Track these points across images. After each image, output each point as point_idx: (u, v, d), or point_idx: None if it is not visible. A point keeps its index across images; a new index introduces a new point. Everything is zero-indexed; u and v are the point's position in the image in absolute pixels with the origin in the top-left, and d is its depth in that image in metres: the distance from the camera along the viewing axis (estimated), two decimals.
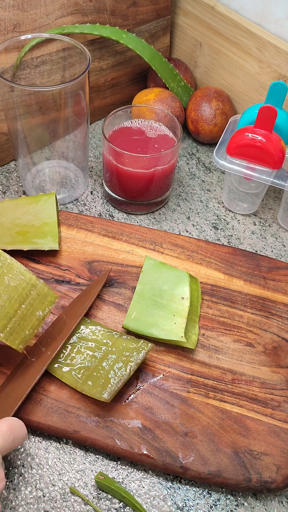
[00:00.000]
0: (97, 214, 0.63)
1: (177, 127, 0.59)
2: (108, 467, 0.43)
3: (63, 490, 0.41)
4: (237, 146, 0.55)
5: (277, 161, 0.54)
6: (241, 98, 0.70)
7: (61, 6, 0.60)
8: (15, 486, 0.41)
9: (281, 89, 0.55)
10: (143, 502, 0.41)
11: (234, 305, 0.52)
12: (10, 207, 0.57)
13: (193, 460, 0.42)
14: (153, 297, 0.50)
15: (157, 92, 0.67)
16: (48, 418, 0.43)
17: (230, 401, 0.45)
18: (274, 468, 0.42)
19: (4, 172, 0.66)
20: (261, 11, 0.64)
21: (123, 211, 0.63)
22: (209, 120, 0.68)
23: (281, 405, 0.45)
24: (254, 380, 0.47)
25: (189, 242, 0.57)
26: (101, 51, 0.67)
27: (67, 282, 0.53)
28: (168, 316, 0.49)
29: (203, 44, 0.72)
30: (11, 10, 0.56)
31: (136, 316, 0.49)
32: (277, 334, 0.50)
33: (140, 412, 0.44)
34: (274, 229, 0.63)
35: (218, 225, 0.63)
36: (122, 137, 0.60)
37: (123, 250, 0.56)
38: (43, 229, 0.55)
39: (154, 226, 0.62)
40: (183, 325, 0.48)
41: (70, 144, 0.60)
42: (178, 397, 0.45)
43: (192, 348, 0.47)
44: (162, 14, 0.71)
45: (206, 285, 0.53)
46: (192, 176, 0.68)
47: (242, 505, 0.42)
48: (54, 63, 0.60)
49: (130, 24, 0.68)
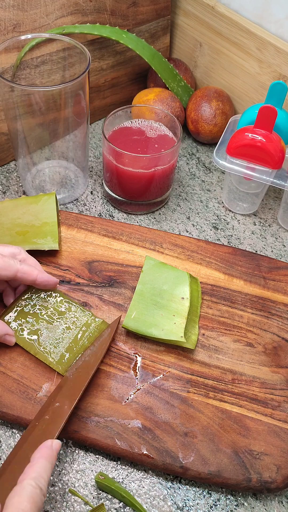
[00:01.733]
0: (97, 214, 0.63)
1: (177, 127, 0.59)
2: (108, 467, 0.43)
3: (63, 490, 0.41)
4: (237, 146, 0.55)
5: (277, 161, 0.54)
6: (241, 98, 0.70)
7: (61, 6, 0.60)
8: None
9: (281, 89, 0.55)
10: (143, 502, 0.41)
11: (234, 305, 0.52)
12: (10, 207, 0.57)
13: (193, 460, 0.42)
14: (153, 297, 0.50)
15: (157, 92, 0.67)
16: None
17: (230, 401, 0.45)
18: (274, 468, 0.42)
19: (4, 172, 0.66)
20: (261, 11, 0.64)
21: (123, 211, 0.63)
22: (209, 120, 0.68)
23: (281, 405, 0.45)
24: (254, 380, 0.47)
25: (189, 242, 0.57)
26: (101, 51, 0.67)
27: (67, 282, 0.53)
28: (168, 316, 0.49)
29: (203, 44, 0.72)
30: (11, 10, 0.56)
31: (136, 315, 0.49)
32: (277, 334, 0.50)
33: (140, 412, 0.44)
34: (274, 229, 0.63)
35: (218, 225, 0.63)
36: (122, 137, 0.60)
37: (123, 250, 0.56)
38: (43, 229, 0.55)
39: (154, 226, 0.62)
40: (183, 325, 0.48)
41: (70, 144, 0.60)
42: (178, 397, 0.45)
43: (192, 348, 0.47)
44: (162, 14, 0.71)
45: (206, 285, 0.53)
46: (192, 176, 0.68)
47: (242, 505, 0.42)
48: (54, 63, 0.60)
49: (130, 24, 0.68)
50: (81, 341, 0.47)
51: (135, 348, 0.48)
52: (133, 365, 0.47)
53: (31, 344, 0.47)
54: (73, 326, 0.48)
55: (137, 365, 0.47)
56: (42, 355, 0.46)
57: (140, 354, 0.48)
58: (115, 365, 0.47)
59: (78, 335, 0.48)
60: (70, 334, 0.47)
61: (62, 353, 0.46)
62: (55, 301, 0.49)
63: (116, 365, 0.47)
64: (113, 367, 0.47)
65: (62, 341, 0.47)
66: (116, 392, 0.45)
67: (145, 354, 0.48)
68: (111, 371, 0.47)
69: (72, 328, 0.48)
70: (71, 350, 0.47)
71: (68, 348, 0.47)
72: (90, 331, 0.48)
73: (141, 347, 0.48)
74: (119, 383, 0.46)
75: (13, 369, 0.46)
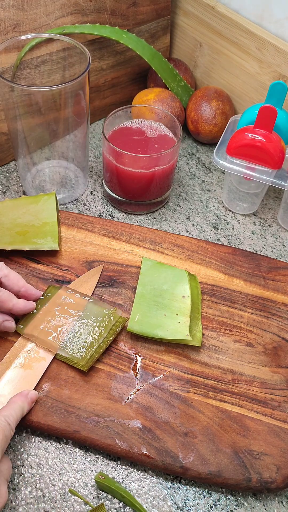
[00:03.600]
0: (97, 214, 0.63)
1: (177, 127, 0.59)
2: (108, 467, 0.43)
3: (63, 490, 0.41)
4: (237, 146, 0.55)
5: (277, 161, 0.54)
6: (241, 98, 0.70)
7: (61, 6, 0.60)
8: (15, 486, 0.41)
9: (281, 89, 0.55)
10: (143, 502, 0.41)
11: (234, 305, 0.52)
12: (10, 207, 0.57)
13: (193, 460, 0.42)
14: (154, 297, 0.50)
15: (157, 92, 0.67)
16: (48, 418, 0.43)
17: (230, 401, 0.45)
18: (274, 468, 0.42)
19: (4, 172, 0.66)
20: (261, 11, 0.64)
21: (123, 211, 0.63)
22: (209, 120, 0.68)
23: (281, 405, 0.45)
24: (254, 380, 0.47)
25: (189, 242, 0.57)
26: (101, 51, 0.67)
27: (67, 282, 0.53)
28: (172, 315, 0.49)
29: (203, 44, 0.72)
30: (11, 10, 0.56)
31: (140, 318, 0.49)
32: (277, 334, 0.50)
33: (140, 412, 0.44)
34: (274, 229, 0.63)
35: (218, 225, 0.63)
36: (122, 137, 0.60)
37: (123, 250, 0.56)
38: (43, 229, 0.55)
39: (154, 226, 0.62)
40: (187, 323, 0.48)
41: (70, 144, 0.60)
42: (178, 397, 0.45)
43: (198, 345, 0.47)
44: (162, 14, 0.71)
45: (206, 285, 0.53)
46: (192, 176, 0.68)
47: (242, 505, 0.42)
48: (54, 63, 0.60)
49: (130, 24, 0.68)
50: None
51: (135, 348, 0.48)
52: (133, 365, 0.47)
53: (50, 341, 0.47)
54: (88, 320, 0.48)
55: (137, 365, 0.47)
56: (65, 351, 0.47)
57: (140, 354, 0.48)
58: (115, 365, 0.47)
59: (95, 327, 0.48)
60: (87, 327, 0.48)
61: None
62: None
63: (116, 365, 0.47)
64: (113, 367, 0.47)
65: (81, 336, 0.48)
66: (116, 392, 0.45)
67: (145, 354, 0.48)
68: (111, 371, 0.47)
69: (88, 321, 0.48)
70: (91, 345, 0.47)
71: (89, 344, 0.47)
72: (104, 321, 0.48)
73: (141, 347, 0.48)
74: (119, 383, 0.46)
75: None
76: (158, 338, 0.48)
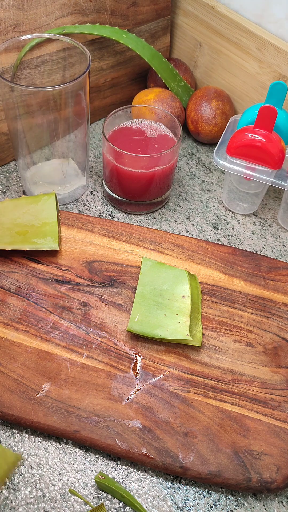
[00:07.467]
0: (97, 214, 0.63)
1: (177, 127, 0.59)
2: (108, 467, 0.43)
3: (63, 490, 0.41)
4: (237, 146, 0.55)
5: (277, 161, 0.54)
6: (241, 98, 0.70)
7: (61, 6, 0.60)
8: (15, 486, 0.41)
9: (281, 89, 0.55)
10: (143, 502, 0.41)
11: (234, 305, 0.52)
12: (10, 207, 0.57)
13: (193, 460, 0.42)
14: (155, 297, 0.50)
15: (157, 92, 0.67)
16: (48, 418, 0.43)
17: (230, 401, 0.45)
18: (274, 468, 0.42)
19: (4, 172, 0.66)
20: (261, 11, 0.64)
21: (123, 211, 0.63)
22: (209, 120, 0.68)
23: (281, 405, 0.45)
24: (254, 380, 0.47)
25: (189, 242, 0.57)
26: (101, 51, 0.67)
27: (67, 282, 0.53)
28: (172, 315, 0.49)
29: (203, 44, 0.72)
30: (11, 10, 0.56)
31: (140, 318, 0.49)
32: (277, 334, 0.50)
33: (140, 412, 0.44)
34: (274, 229, 0.63)
35: (218, 225, 0.63)
36: (122, 137, 0.60)
37: (123, 250, 0.56)
38: (43, 229, 0.55)
39: (154, 226, 0.62)
40: (187, 323, 0.48)
41: (70, 144, 0.60)
42: (178, 397, 0.45)
43: (198, 345, 0.47)
44: (162, 14, 0.71)
45: (206, 285, 0.53)
46: (192, 176, 0.68)
47: (242, 505, 0.42)
48: (54, 63, 0.60)
49: (130, 24, 0.68)
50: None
51: (135, 348, 0.48)
52: (133, 365, 0.47)
53: None
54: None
55: (137, 365, 0.47)
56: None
57: (140, 354, 0.48)
58: (115, 365, 0.47)
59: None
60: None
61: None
62: None
63: (116, 365, 0.47)
64: (113, 367, 0.47)
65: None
66: (116, 392, 0.45)
67: (145, 354, 0.48)
68: (111, 371, 0.47)
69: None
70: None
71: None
72: None
73: (141, 347, 0.48)
74: (119, 383, 0.46)
75: (13, 369, 0.46)
76: (158, 338, 0.48)
